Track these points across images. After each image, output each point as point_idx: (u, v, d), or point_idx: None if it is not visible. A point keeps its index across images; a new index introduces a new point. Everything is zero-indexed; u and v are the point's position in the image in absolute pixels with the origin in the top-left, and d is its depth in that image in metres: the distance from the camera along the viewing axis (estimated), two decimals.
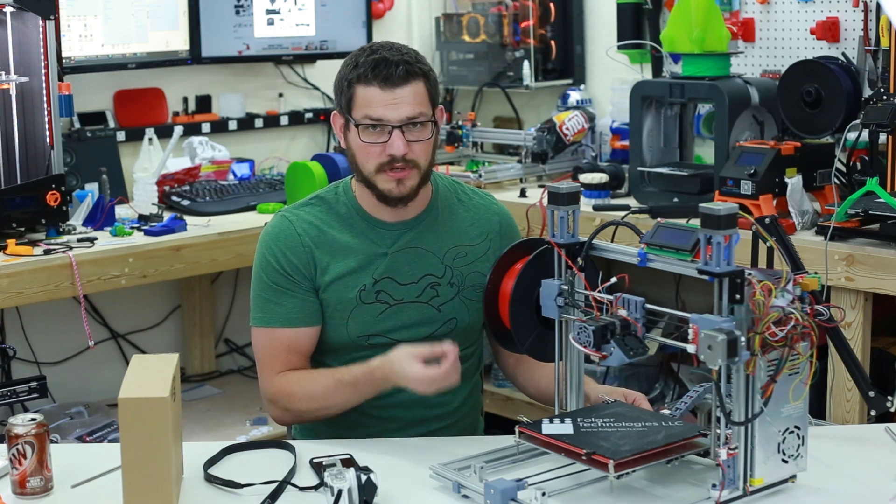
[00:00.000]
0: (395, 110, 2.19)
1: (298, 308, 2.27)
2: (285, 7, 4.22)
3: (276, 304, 2.27)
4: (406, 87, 2.20)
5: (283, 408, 2.28)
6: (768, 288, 1.74)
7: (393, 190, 2.24)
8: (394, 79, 2.19)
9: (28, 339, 3.77)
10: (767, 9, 3.62)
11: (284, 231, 2.30)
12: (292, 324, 2.27)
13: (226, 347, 4.35)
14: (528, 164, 3.86)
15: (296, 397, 2.25)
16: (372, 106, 2.20)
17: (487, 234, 2.38)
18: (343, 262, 2.28)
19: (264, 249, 2.31)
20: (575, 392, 2.08)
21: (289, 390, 2.26)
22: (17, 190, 3.23)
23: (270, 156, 4.29)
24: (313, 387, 2.25)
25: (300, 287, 2.27)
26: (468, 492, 1.88)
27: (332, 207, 2.33)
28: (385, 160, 2.21)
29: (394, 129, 2.20)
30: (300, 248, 2.28)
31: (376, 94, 2.20)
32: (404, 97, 2.20)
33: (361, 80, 2.21)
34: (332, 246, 2.29)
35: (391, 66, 2.19)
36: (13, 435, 1.90)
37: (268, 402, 2.31)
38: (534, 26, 4.24)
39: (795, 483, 1.88)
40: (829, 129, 3.12)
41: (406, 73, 2.20)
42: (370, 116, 2.20)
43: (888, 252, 2.79)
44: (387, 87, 2.19)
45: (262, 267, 2.30)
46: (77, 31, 3.70)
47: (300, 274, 2.27)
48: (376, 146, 2.21)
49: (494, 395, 3.85)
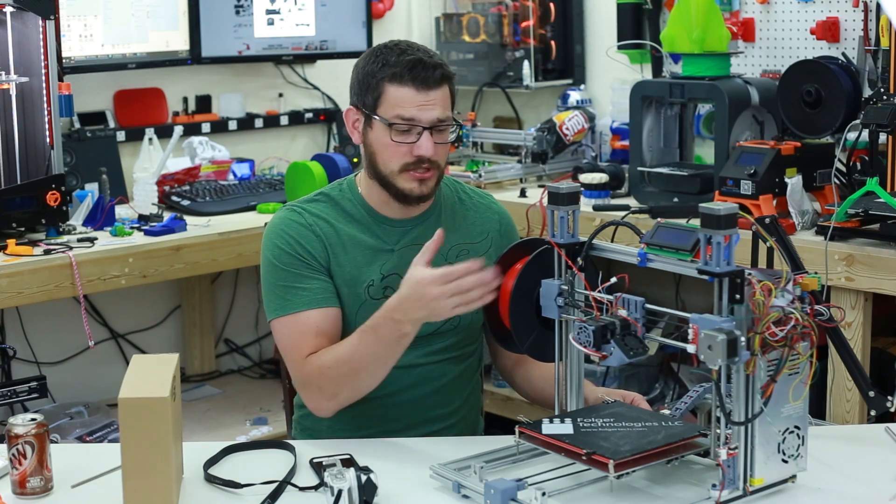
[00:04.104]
0: (427, 112, 2.20)
1: (319, 289, 2.23)
2: (285, 7, 4.22)
3: (297, 288, 2.22)
4: (438, 90, 2.21)
5: (317, 387, 2.18)
6: (768, 288, 1.74)
7: (415, 189, 2.24)
8: (430, 81, 2.20)
9: (28, 339, 3.77)
10: (767, 9, 3.63)
11: (295, 220, 2.28)
12: (318, 304, 2.22)
13: (226, 347, 4.35)
14: (528, 164, 3.86)
15: (326, 367, 2.16)
16: (405, 106, 2.20)
17: (488, 233, 2.39)
18: (352, 256, 2.27)
19: (275, 239, 2.27)
20: (575, 392, 2.08)
21: (318, 363, 2.17)
22: (17, 190, 3.23)
23: (270, 156, 4.29)
24: (339, 349, 2.16)
25: (317, 270, 2.24)
26: (468, 492, 1.88)
27: (337, 203, 2.32)
28: (411, 160, 2.22)
29: (424, 131, 2.20)
30: (312, 237, 2.26)
31: (410, 95, 2.20)
32: (436, 100, 2.21)
33: (395, 80, 2.20)
34: (341, 239, 2.28)
35: (429, 68, 2.20)
36: (13, 435, 1.90)
37: (302, 388, 2.23)
38: (534, 26, 4.24)
39: (795, 483, 1.88)
40: (829, 129, 3.12)
41: (441, 76, 2.22)
42: (402, 116, 2.20)
43: (888, 252, 2.79)
44: (423, 88, 2.20)
45: (274, 256, 2.26)
46: (77, 31, 3.70)
47: (315, 259, 2.24)
48: (404, 146, 2.21)
49: (494, 395, 3.85)
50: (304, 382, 2.21)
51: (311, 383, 2.19)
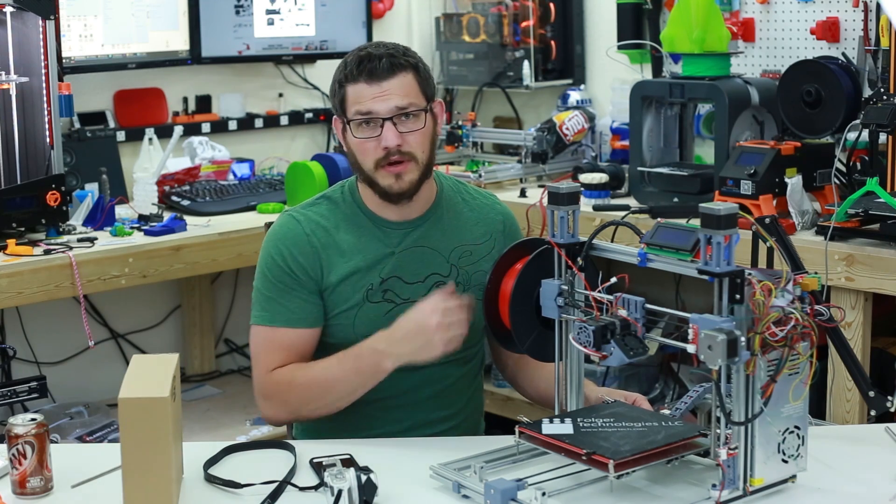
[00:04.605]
0: (383, 102, 2.21)
1: (301, 308, 2.26)
2: (285, 7, 4.22)
3: (280, 303, 2.26)
4: (393, 79, 2.21)
5: (282, 400, 2.23)
6: (768, 288, 1.74)
7: (393, 185, 2.24)
8: (378, 72, 2.21)
9: (28, 339, 3.77)
10: (767, 9, 3.63)
11: (293, 230, 2.29)
12: (294, 324, 2.26)
13: (226, 347, 4.35)
14: (528, 164, 3.87)
15: (297, 384, 2.21)
16: (361, 101, 2.22)
17: (491, 233, 2.39)
18: (350, 261, 2.28)
19: (271, 248, 2.30)
20: (575, 392, 2.08)
21: (288, 378, 2.22)
22: (17, 190, 3.23)
23: (270, 156, 4.29)
24: (315, 369, 2.21)
25: (304, 288, 2.26)
26: (468, 492, 1.88)
27: (338, 207, 2.33)
28: (381, 155, 2.22)
29: (385, 122, 2.21)
30: (308, 249, 2.28)
31: (363, 89, 2.21)
32: (392, 89, 2.21)
33: (349, 79, 2.23)
34: (339, 246, 2.29)
35: (374, 59, 2.21)
36: (13, 435, 1.90)
37: (262, 398, 2.27)
38: (534, 26, 4.24)
39: (795, 483, 1.88)
40: (829, 129, 3.12)
41: (391, 65, 2.21)
42: (360, 111, 2.22)
43: (888, 252, 2.79)
44: (373, 80, 2.21)
45: (267, 265, 2.29)
46: (77, 31, 3.70)
47: (306, 274, 2.27)
48: (370, 141, 2.22)
49: (494, 395, 3.85)
50: (266, 393, 2.26)
51: (275, 396, 2.24)
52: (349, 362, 2.17)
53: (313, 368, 2.22)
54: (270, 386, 2.25)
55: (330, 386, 2.19)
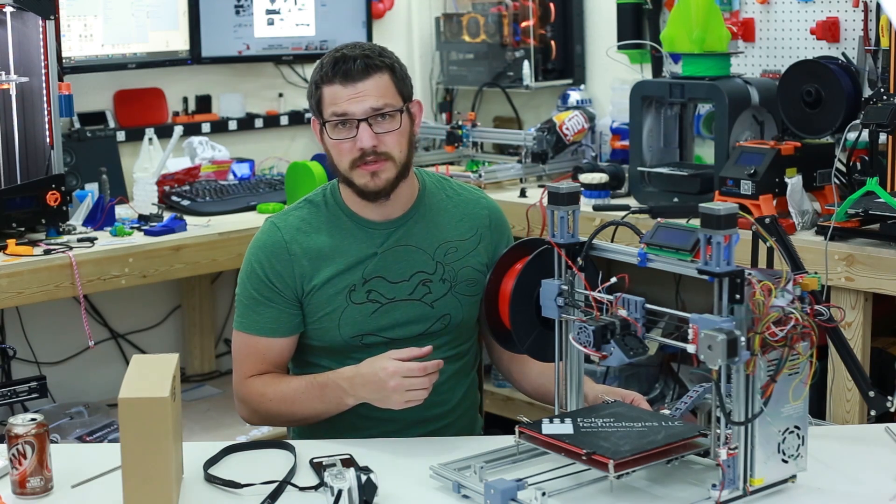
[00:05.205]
0: (357, 103, 2.22)
1: (275, 319, 2.30)
2: (285, 7, 4.22)
3: (256, 313, 2.31)
4: (368, 80, 2.22)
5: (252, 409, 2.32)
6: (768, 288, 1.74)
7: (368, 184, 2.25)
8: (353, 73, 2.22)
9: (28, 339, 3.77)
10: (767, 9, 3.63)
11: (271, 239, 2.32)
12: (267, 334, 2.31)
13: (226, 347, 4.34)
14: (528, 164, 3.86)
15: (267, 398, 2.29)
16: (337, 102, 2.23)
17: (477, 228, 2.39)
18: (332, 264, 2.29)
19: (251, 257, 2.34)
20: (575, 392, 2.08)
21: (261, 391, 2.29)
22: (17, 190, 3.23)
23: (270, 156, 4.29)
24: (285, 387, 2.28)
25: (282, 297, 2.29)
26: (468, 492, 1.88)
27: (319, 210, 2.34)
28: (357, 155, 2.23)
29: (360, 123, 2.22)
30: (287, 257, 2.30)
31: (338, 91, 2.23)
32: (366, 90, 2.22)
33: (325, 80, 2.25)
34: (319, 250, 2.30)
35: (349, 61, 2.22)
36: (13, 435, 1.90)
37: (238, 400, 2.35)
38: (534, 26, 4.24)
39: (795, 483, 1.88)
40: (829, 129, 3.12)
41: (365, 66, 2.22)
42: (335, 112, 2.23)
43: (888, 252, 2.79)
44: (348, 82, 2.22)
45: (247, 275, 2.34)
46: (77, 31, 3.70)
47: (284, 283, 2.29)
48: (346, 142, 2.24)
49: (494, 395, 3.85)
50: (241, 398, 2.34)
51: (248, 402, 2.33)
52: (315, 390, 2.24)
53: (284, 386, 2.28)
54: (245, 393, 2.33)
55: (296, 407, 2.26)
